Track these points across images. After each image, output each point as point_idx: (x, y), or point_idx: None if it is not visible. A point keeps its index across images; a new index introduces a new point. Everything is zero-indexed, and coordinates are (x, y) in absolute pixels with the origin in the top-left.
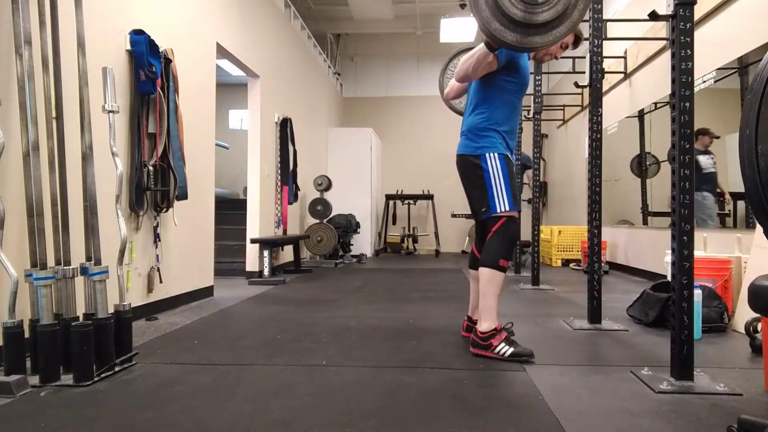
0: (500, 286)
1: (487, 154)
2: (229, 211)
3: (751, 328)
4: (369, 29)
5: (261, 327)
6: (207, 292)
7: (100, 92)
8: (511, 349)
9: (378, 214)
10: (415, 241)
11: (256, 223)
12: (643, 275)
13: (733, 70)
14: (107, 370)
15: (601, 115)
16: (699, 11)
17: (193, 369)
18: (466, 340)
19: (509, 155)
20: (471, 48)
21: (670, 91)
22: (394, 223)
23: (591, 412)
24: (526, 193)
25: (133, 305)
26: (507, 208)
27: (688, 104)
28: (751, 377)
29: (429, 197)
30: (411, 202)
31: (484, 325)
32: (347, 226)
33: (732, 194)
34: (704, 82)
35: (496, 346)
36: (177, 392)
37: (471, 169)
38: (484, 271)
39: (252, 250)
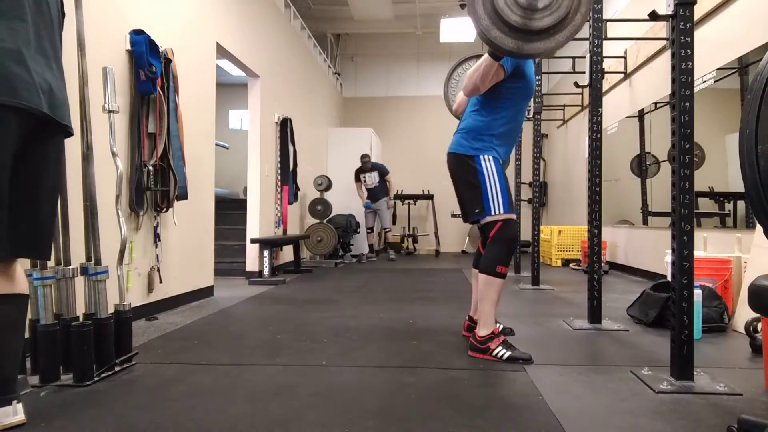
0: (498, 292)
1: (481, 156)
2: (229, 211)
3: (751, 328)
4: (369, 29)
5: (261, 327)
6: (207, 292)
7: (100, 92)
8: (509, 353)
9: None
10: (415, 241)
11: (256, 223)
12: (643, 275)
13: (733, 70)
14: (107, 370)
15: (601, 115)
16: (699, 11)
17: (193, 369)
18: (467, 340)
19: (500, 159)
20: (475, 56)
21: (670, 91)
22: (394, 223)
23: (591, 412)
24: (525, 194)
25: (133, 305)
26: (501, 211)
27: (688, 104)
28: (751, 377)
29: (429, 197)
30: (411, 202)
31: (483, 331)
32: (347, 226)
33: (732, 194)
34: (704, 82)
35: (494, 349)
36: (177, 392)
37: (464, 169)
38: (481, 277)
39: (252, 250)
